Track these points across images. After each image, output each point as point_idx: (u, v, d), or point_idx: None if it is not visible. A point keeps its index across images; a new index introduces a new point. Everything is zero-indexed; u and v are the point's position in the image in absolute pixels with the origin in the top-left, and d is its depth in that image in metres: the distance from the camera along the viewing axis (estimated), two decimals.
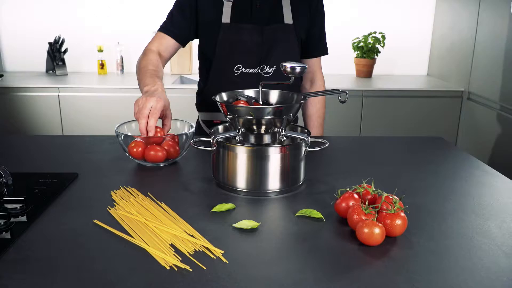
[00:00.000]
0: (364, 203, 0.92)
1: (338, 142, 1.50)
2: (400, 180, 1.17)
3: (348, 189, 0.97)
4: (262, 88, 1.12)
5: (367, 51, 3.20)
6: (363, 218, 0.86)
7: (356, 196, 0.94)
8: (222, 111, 1.07)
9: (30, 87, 2.84)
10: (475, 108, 2.83)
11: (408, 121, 3.02)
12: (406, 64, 3.48)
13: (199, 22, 1.48)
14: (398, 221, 0.85)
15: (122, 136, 1.23)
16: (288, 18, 1.45)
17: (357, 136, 3.00)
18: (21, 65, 3.31)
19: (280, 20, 1.45)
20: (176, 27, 1.48)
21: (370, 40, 3.19)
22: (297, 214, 0.95)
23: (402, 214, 0.86)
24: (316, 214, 0.93)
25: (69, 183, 1.11)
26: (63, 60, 3.17)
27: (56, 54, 3.14)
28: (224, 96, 1.13)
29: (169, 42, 1.49)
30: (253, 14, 1.43)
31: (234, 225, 0.89)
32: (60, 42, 3.14)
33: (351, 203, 0.92)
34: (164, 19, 1.51)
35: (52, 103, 2.85)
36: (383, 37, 3.19)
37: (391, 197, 0.91)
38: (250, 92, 1.15)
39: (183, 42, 1.52)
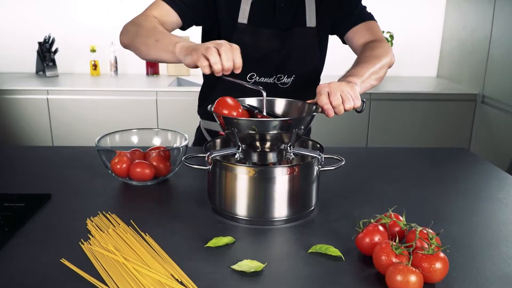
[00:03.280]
0: (393, 239, 0.75)
1: (348, 154, 1.33)
2: (425, 203, 1.01)
3: (372, 220, 0.80)
4: (267, 96, 0.94)
5: None
6: (394, 260, 0.69)
7: (381, 228, 0.77)
8: (219, 123, 0.90)
9: (17, 89, 2.67)
10: (490, 113, 2.66)
11: (417, 126, 2.86)
12: (414, 65, 3.31)
13: (212, 14, 1.23)
14: (438, 265, 0.68)
15: (104, 150, 1.06)
16: (311, 21, 1.26)
17: (369, 147, 2.83)
18: (10, 66, 3.13)
19: (302, 23, 1.26)
20: (185, 1, 1.18)
21: None
22: (310, 251, 0.78)
23: (442, 254, 0.70)
24: (334, 251, 0.77)
25: (38, 208, 0.94)
26: (53, 61, 3.00)
27: (46, 54, 2.97)
28: None
29: (170, 16, 1.17)
30: (276, 15, 1.23)
31: (234, 267, 0.72)
32: (50, 42, 2.97)
33: (376, 239, 0.75)
34: None
35: (41, 107, 2.69)
36: (391, 36, 3.02)
37: (425, 231, 0.74)
38: (252, 101, 0.98)
39: (186, 23, 1.20)
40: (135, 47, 1.12)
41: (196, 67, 0.93)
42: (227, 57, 0.89)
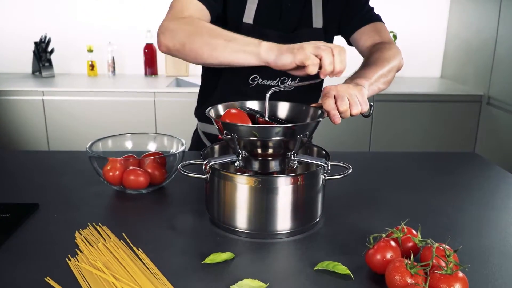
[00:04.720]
0: (407, 256, 0.69)
1: (353, 160, 1.27)
2: (437, 214, 0.94)
3: (383, 234, 0.74)
4: (269, 99, 0.88)
5: None
6: (409, 281, 0.63)
7: (393, 244, 0.71)
8: (218, 128, 0.84)
9: (12, 90, 2.61)
10: (496, 114, 2.60)
11: (421, 128, 2.80)
12: (418, 65, 3.24)
13: (221, 11, 1.15)
14: (457, 286, 0.62)
15: (96, 156, 1.00)
16: (317, 22, 1.20)
17: (375, 151, 2.76)
18: (6, 66, 3.07)
19: (308, 24, 1.20)
20: None
21: None
22: (316, 268, 0.72)
23: (461, 274, 0.64)
24: (342, 269, 0.70)
25: (25, 218, 0.88)
26: (49, 61, 2.94)
27: (42, 54, 2.90)
28: (221, 109, 0.90)
29: (203, 15, 1.06)
30: (282, 15, 1.17)
31: (233, 287, 0.66)
32: (46, 42, 2.91)
33: (388, 255, 0.69)
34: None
35: (36, 108, 2.63)
36: (395, 36, 2.96)
37: (441, 248, 0.68)
38: (253, 104, 0.92)
39: (212, 20, 1.11)
40: (192, 49, 0.97)
41: (292, 68, 0.87)
42: (341, 59, 0.83)
